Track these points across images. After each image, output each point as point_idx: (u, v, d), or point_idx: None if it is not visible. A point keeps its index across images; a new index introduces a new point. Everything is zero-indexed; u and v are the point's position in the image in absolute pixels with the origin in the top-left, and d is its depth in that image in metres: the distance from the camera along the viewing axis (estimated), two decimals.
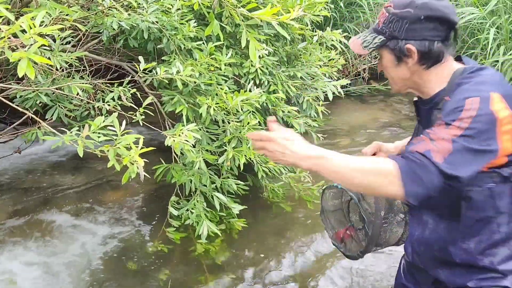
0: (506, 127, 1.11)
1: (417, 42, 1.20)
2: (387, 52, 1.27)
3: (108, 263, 2.30)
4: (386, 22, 1.23)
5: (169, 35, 2.31)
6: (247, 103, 2.28)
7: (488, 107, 1.09)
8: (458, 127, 1.07)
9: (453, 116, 1.09)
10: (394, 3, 1.23)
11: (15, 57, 1.28)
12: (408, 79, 1.28)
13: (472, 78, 1.17)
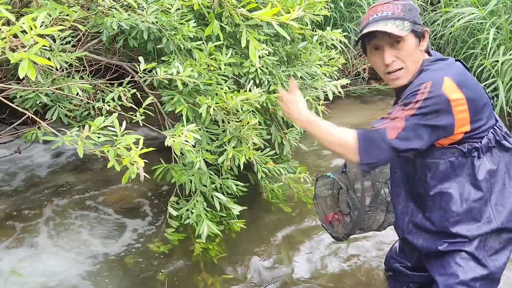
0: (460, 108, 1.30)
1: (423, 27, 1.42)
2: (412, 36, 1.40)
3: (108, 263, 2.30)
4: (405, 10, 1.39)
5: (169, 35, 2.31)
6: (247, 103, 2.28)
7: (440, 89, 1.28)
8: (411, 108, 1.28)
9: (409, 99, 1.30)
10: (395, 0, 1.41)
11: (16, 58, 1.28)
12: (419, 61, 1.43)
13: (431, 67, 1.37)
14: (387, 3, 1.41)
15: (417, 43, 1.42)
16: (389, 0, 1.42)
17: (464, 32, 4.58)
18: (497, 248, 1.45)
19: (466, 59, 4.56)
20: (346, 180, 1.84)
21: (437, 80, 1.30)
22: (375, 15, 1.41)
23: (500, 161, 1.42)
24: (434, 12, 5.15)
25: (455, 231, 1.44)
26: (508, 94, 3.76)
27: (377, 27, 1.38)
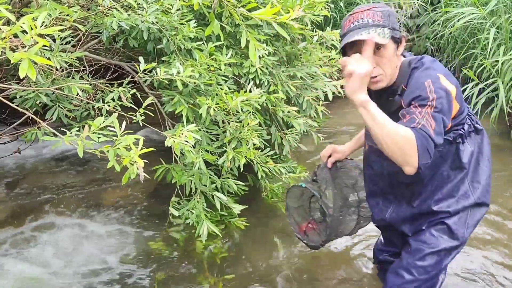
0: (454, 95, 1.42)
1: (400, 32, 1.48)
2: (391, 42, 1.46)
3: (108, 262, 2.30)
4: (385, 17, 1.44)
5: (169, 36, 2.31)
6: (247, 103, 2.28)
7: (440, 84, 1.39)
8: (429, 106, 1.35)
9: (421, 98, 1.36)
10: (373, 6, 1.46)
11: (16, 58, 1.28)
12: (395, 68, 1.52)
13: (419, 67, 1.46)
14: (368, 10, 1.45)
15: (396, 49, 1.49)
16: (369, 7, 1.46)
17: (464, 32, 4.58)
18: (475, 224, 1.63)
19: (466, 59, 4.57)
20: (317, 188, 1.91)
21: (435, 78, 1.40)
22: (356, 22, 1.45)
23: (475, 144, 1.59)
24: (434, 12, 5.15)
25: (437, 209, 1.59)
26: (508, 94, 3.76)
27: (361, 36, 1.41)
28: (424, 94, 1.37)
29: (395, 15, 1.48)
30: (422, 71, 1.45)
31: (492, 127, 3.84)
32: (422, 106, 1.36)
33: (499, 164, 3.39)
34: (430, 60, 1.50)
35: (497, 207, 2.80)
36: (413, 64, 1.50)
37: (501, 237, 2.51)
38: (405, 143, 1.31)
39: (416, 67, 1.48)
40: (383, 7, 1.47)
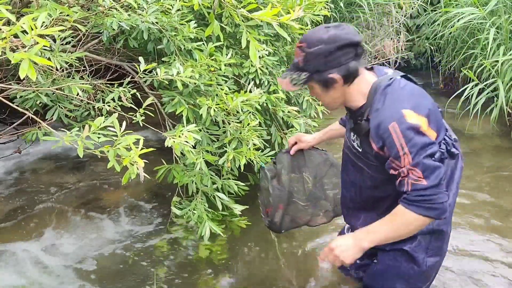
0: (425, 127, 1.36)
1: (337, 69, 1.42)
2: (314, 83, 1.47)
3: (109, 263, 2.30)
4: (306, 60, 1.43)
5: (169, 36, 2.31)
6: (247, 104, 2.28)
7: (407, 123, 1.34)
8: (405, 155, 1.34)
9: (392, 149, 1.36)
10: (307, 42, 1.43)
11: (17, 58, 1.28)
12: (339, 97, 1.50)
13: (385, 99, 1.40)
14: (299, 46, 1.45)
15: (326, 88, 1.46)
16: (301, 44, 1.45)
17: (464, 32, 4.58)
18: (436, 250, 1.60)
19: (466, 59, 4.57)
20: (274, 170, 1.97)
21: (399, 117, 1.35)
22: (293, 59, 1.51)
23: (448, 168, 1.52)
24: (434, 12, 5.15)
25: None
26: (508, 94, 3.76)
27: (279, 81, 1.54)
28: (394, 146, 1.36)
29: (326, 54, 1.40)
30: (387, 108, 1.39)
31: (492, 127, 3.84)
32: (399, 158, 1.36)
33: (499, 164, 3.39)
34: (397, 89, 1.43)
35: (497, 207, 2.80)
36: (379, 91, 1.43)
37: (501, 237, 2.52)
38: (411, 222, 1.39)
39: (381, 99, 1.42)
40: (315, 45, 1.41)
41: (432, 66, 5.46)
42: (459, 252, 2.41)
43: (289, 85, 1.49)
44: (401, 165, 1.36)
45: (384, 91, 1.42)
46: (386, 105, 1.39)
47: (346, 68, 1.42)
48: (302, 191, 1.95)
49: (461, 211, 2.77)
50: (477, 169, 3.30)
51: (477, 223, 2.65)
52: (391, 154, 1.37)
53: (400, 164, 1.36)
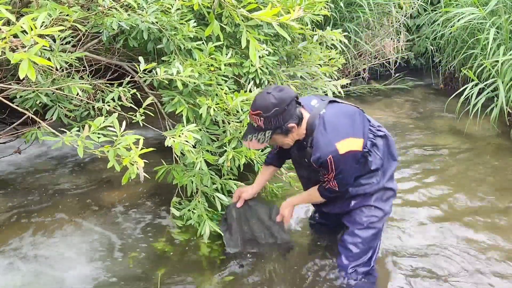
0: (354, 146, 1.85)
1: (291, 120, 1.83)
2: (276, 135, 1.87)
3: (109, 263, 2.30)
4: (267, 122, 1.81)
5: (169, 35, 2.31)
6: (247, 103, 2.28)
7: (338, 156, 1.82)
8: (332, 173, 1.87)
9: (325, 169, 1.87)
10: (262, 110, 1.79)
11: (16, 58, 1.28)
12: (294, 137, 1.92)
13: (320, 136, 1.84)
14: (256, 114, 1.81)
15: (286, 135, 1.88)
16: (256, 111, 1.80)
17: (464, 32, 4.58)
18: (385, 199, 2.10)
19: (466, 59, 4.57)
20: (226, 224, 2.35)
21: (333, 151, 1.81)
22: (249, 123, 1.89)
23: (383, 146, 2.03)
24: (434, 12, 5.15)
25: (358, 193, 2.06)
26: (508, 94, 3.76)
27: (245, 142, 1.91)
28: (327, 169, 1.86)
29: (283, 111, 1.79)
30: (322, 145, 1.82)
31: (492, 127, 3.84)
32: (327, 175, 1.90)
33: (499, 164, 3.39)
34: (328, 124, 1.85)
35: (497, 206, 2.80)
36: (315, 129, 1.86)
37: (502, 237, 2.52)
38: (318, 198, 2.08)
39: (316, 135, 1.85)
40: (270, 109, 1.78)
41: (432, 66, 5.46)
42: (459, 251, 2.41)
43: (257, 144, 1.87)
44: (327, 177, 1.91)
45: (318, 129, 1.85)
46: (322, 143, 1.83)
47: (296, 116, 1.85)
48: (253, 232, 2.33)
49: (461, 210, 2.77)
50: (477, 169, 3.30)
51: (477, 223, 2.65)
52: (325, 170, 1.89)
53: (326, 176, 1.91)
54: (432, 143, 3.76)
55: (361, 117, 1.95)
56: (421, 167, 3.33)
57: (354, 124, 1.91)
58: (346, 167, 1.89)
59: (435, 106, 4.70)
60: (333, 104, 1.94)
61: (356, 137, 1.87)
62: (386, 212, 2.12)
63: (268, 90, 1.82)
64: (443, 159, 3.48)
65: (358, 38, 4.95)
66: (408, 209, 2.78)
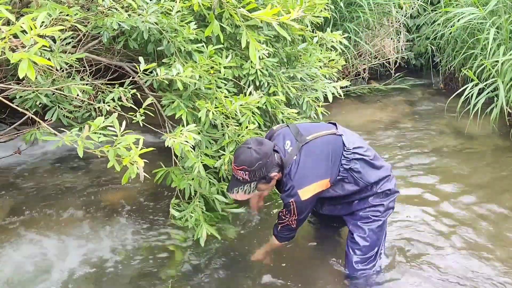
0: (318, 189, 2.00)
1: (273, 169, 1.96)
2: (261, 185, 2.00)
3: (109, 263, 2.30)
4: (252, 175, 1.93)
5: (169, 37, 2.31)
6: (246, 107, 2.29)
7: (300, 201, 1.97)
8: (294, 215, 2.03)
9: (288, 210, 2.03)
10: (246, 165, 1.91)
11: (16, 58, 1.28)
12: (275, 183, 2.07)
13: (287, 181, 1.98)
14: (240, 170, 1.92)
15: (268, 183, 2.00)
16: (241, 167, 1.92)
17: (464, 32, 4.58)
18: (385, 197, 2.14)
19: (466, 59, 4.57)
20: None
21: (296, 197, 1.96)
22: (233, 176, 1.99)
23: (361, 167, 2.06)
24: (434, 12, 5.15)
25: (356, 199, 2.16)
26: (508, 94, 3.76)
27: (232, 195, 2.03)
28: (289, 210, 2.01)
29: (266, 164, 1.92)
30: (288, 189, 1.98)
31: (492, 127, 3.84)
32: (288, 216, 2.05)
33: (499, 164, 3.39)
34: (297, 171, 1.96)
35: (497, 206, 2.80)
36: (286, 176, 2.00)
37: (502, 237, 2.51)
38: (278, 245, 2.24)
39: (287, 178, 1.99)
40: (253, 164, 1.90)
41: (432, 66, 5.46)
42: (459, 251, 2.41)
43: (244, 195, 2.00)
44: (288, 218, 2.06)
45: (287, 175, 1.98)
46: (287, 188, 1.99)
47: (278, 165, 1.98)
48: None
49: (461, 210, 2.77)
50: (477, 169, 3.30)
51: (477, 223, 2.65)
52: (287, 210, 2.04)
53: (287, 217, 2.06)
54: (431, 143, 3.76)
55: (334, 151, 2.03)
56: (421, 167, 3.33)
57: (324, 165, 2.01)
58: (307, 210, 2.05)
59: (435, 106, 4.70)
60: (307, 145, 2.01)
61: (322, 179, 1.99)
62: (389, 207, 2.16)
63: (249, 145, 1.94)
64: (443, 159, 3.48)
65: (358, 38, 4.95)
66: (407, 209, 2.78)
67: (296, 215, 2.03)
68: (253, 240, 2.48)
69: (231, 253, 2.39)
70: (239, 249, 2.42)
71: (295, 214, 2.02)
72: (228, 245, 2.44)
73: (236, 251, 2.40)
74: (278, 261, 2.32)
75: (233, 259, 2.35)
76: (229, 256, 2.36)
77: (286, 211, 2.04)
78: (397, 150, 3.60)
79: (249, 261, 2.32)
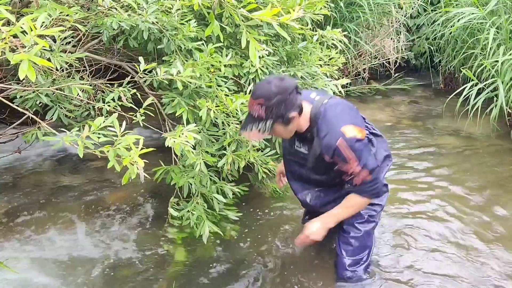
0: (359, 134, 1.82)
1: (293, 109, 1.78)
2: (277, 125, 1.80)
3: (108, 263, 2.30)
4: (268, 111, 1.75)
5: (169, 36, 2.31)
6: (246, 105, 2.28)
7: (346, 138, 1.78)
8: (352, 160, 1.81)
9: (341, 158, 1.81)
10: (264, 98, 1.74)
11: (16, 59, 1.28)
12: (295, 128, 1.88)
13: (326, 124, 1.82)
14: (257, 104, 1.75)
15: (287, 125, 1.81)
16: (258, 100, 1.74)
17: (464, 32, 4.58)
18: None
19: (466, 59, 4.57)
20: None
21: (341, 135, 1.78)
22: (249, 113, 1.81)
23: (378, 144, 2.06)
24: (434, 12, 5.15)
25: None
26: (508, 94, 3.76)
27: (245, 133, 1.82)
28: (342, 156, 1.81)
29: (285, 100, 1.74)
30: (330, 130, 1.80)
31: (492, 127, 3.84)
32: (347, 164, 1.82)
33: (499, 164, 3.39)
34: (332, 111, 1.83)
35: (497, 207, 2.80)
36: (319, 117, 1.84)
37: (501, 236, 2.52)
38: (361, 204, 2.00)
39: (321, 122, 1.83)
40: (272, 98, 1.72)
41: (432, 66, 5.46)
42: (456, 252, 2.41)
43: (258, 135, 1.81)
44: (351, 167, 1.83)
45: (323, 117, 1.83)
46: (329, 129, 1.81)
47: (298, 106, 1.80)
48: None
49: (461, 210, 2.77)
50: (477, 169, 3.30)
51: (476, 223, 2.65)
52: (342, 161, 1.83)
53: (349, 167, 1.83)
54: (431, 143, 3.77)
55: (357, 111, 1.99)
56: (420, 167, 3.33)
57: (356, 115, 1.92)
58: (361, 148, 1.82)
59: (435, 106, 4.70)
60: (334, 98, 1.94)
61: (358, 126, 1.85)
62: (383, 205, 2.16)
63: (269, 80, 1.78)
64: (442, 159, 3.48)
65: (358, 38, 4.95)
66: (407, 209, 2.78)
67: (356, 158, 1.80)
68: (254, 239, 2.48)
69: (231, 252, 2.39)
70: (240, 249, 2.42)
71: (351, 157, 1.79)
72: (228, 244, 2.44)
73: (237, 251, 2.40)
74: (278, 261, 2.33)
75: (233, 258, 2.35)
76: (229, 256, 2.37)
77: (341, 162, 1.83)
78: (396, 150, 3.60)
79: (249, 261, 2.32)
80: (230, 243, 2.45)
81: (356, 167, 1.82)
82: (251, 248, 2.41)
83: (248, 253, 2.37)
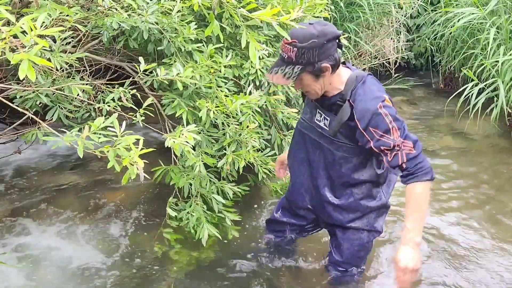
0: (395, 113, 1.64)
1: (327, 60, 1.60)
2: (306, 74, 1.63)
3: (107, 263, 2.30)
4: (299, 54, 1.58)
5: (170, 37, 2.31)
6: (246, 106, 2.29)
7: (388, 106, 1.61)
8: (394, 129, 1.59)
9: (382, 125, 1.60)
10: (298, 39, 1.57)
11: (16, 59, 1.28)
12: (325, 85, 1.68)
13: (367, 87, 1.65)
14: (289, 43, 1.59)
15: (316, 77, 1.64)
16: (291, 40, 1.58)
17: (464, 32, 4.58)
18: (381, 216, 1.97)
19: (466, 59, 4.57)
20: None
21: (383, 100, 1.62)
22: (280, 55, 1.66)
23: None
24: (434, 12, 5.15)
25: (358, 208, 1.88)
26: (508, 94, 3.76)
27: (270, 76, 1.68)
28: (383, 123, 1.60)
29: (317, 48, 1.57)
30: (370, 94, 1.63)
31: (492, 127, 3.84)
32: (388, 133, 1.60)
33: (499, 164, 3.39)
34: (373, 81, 1.69)
35: (496, 207, 2.81)
36: (359, 81, 1.67)
37: (501, 236, 2.52)
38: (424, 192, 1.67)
39: (361, 86, 1.66)
40: (305, 40, 1.56)
41: (432, 66, 5.46)
42: (456, 253, 2.41)
43: (282, 79, 1.63)
44: (392, 137, 1.59)
45: (364, 82, 1.66)
46: (369, 92, 1.63)
47: (334, 58, 1.62)
48: None
49: (461, 210, 2.77)
50: (477, 169, 3.30)
51: (477, 222, 2.65)
52: (381, 130, 1.60)
53: (390, 137, 1.59)
54: (431, 143, 3.77)
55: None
56: None
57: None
58: (400, 120, 1.63)
59: (435, 106, 4.70)
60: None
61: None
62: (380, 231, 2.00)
63: (311, 21, 1.61)
64: (442, 159, 3.48)
65: (358, 38, 4.95)
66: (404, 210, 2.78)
67: (396, 125, 1.59)
68: (254, 239, 2.48)
69: (230, 253, 2.39)
70: (239, 249, 2.42)
71: (392, 125, 1.59)
72: (227, 245, 2.44)
73: (236, 251, 2.40)
74: (278, 262, 2.33)
75: (232, 259, 2.35)
76: (228, 256, 2.37)
77: (379, 132, 1.61)
78: None
79: (249, 262, 2.32)
80: (229, 244, 2.45)
81: (398, 138, 1.59)
82: (250, 249, 2.41)
83: (248, 254, 2.37)
